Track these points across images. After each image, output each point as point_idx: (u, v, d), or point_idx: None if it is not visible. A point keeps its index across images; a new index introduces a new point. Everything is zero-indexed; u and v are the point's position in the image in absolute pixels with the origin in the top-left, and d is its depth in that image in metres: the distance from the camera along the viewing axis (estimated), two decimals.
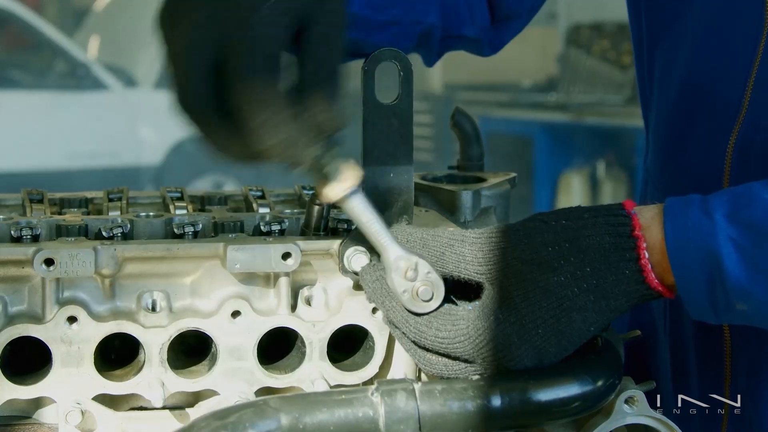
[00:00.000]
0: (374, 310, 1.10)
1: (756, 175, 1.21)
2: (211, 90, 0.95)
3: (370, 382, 1.13)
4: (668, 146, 1.36)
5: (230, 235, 1.14)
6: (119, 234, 1.12)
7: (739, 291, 0.95)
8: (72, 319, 1.06)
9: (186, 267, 1.10)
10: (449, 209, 1.28)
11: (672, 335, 1.38)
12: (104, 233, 1.12)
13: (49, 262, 1.03)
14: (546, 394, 0.95)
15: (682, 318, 1.35)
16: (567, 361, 0.98)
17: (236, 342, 1.09)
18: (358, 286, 1.09)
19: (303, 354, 1.11)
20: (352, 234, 1.07)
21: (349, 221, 1.13)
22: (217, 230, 1.16)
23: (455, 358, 0.99)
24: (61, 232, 1.11)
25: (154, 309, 1.08)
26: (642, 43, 1.42)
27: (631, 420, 1.02)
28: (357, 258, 1.07)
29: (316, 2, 0.97)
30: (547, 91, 8.22)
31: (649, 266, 0.97)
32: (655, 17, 1.38)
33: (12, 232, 1.10)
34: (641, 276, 0.97)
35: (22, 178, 6.76)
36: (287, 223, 1.14)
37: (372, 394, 0.94)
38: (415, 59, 1.29)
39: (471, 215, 1.28)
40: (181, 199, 1.25)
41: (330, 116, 0.96)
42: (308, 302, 1.11)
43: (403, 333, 1.02)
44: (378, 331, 1.12)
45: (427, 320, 1.00)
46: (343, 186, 1.00)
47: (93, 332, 1.07)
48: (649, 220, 0.98)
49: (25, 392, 1.07)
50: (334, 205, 1.24)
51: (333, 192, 1.00)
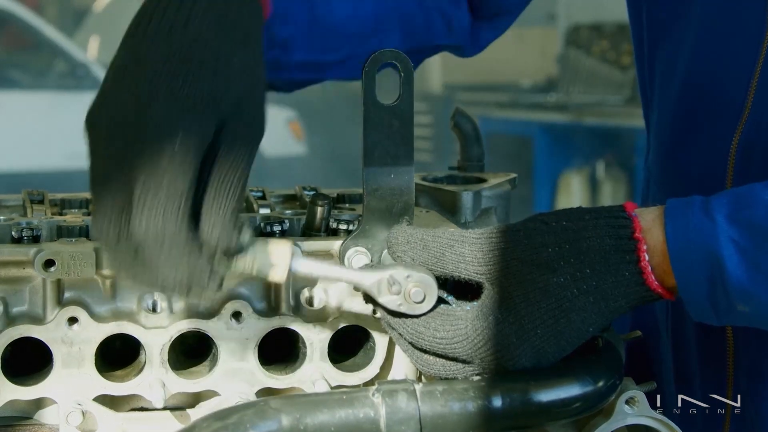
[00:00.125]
0: (374, 311, 1.10)
1: (759, 176, 1.20)
2: (118, 221, 0.92)
3: (371, 382, 1.13)
4: (670, 147, 1.36)
5: None
6: None
7: (741, 292, 0.95)
8: (73, 320, 1.06)
9: None
10: (450, 210, 1.27)
11: (674, 335, 1.38)
12: None
13: (49, 263, 1.03)
14: (547, 395, 0.95)
15: (684, 318, 1.35)
16: (568, 361, 0.98)
17: (237, 343, 1.09)
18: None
19: (304, 355, 1.11)
20: (353, 234, 1.07)
21: (350, 222, 1.13)
22: None
23: (453, 359, 0.99)
24: (62, 232, 1.11)
25: (154, 310, 1.08)
26: (643, 43, 1.41)
27: (631, 420, 1.02)
28: (358, 258, 1.07)
29: (229, 127, 0.94)
30: (546, 92, 8.22)
31: (649, 268, 0.97)
32: (657, 18, 1.38)
33: (13, 233, 1.10)
34: (641, 278, 0.97)
35: (22, 178, 6.75)
36: (288, 224, 1.14)
37: (373, 394, 0.93)
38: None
39: (471, 216, 1.28)
40: None
41: (228, 243, 0.93)
42: (309, 303, 1.11)
43: (400, 334, 1.02)
44: (379, 332, 1.12)
45: (424, 321, 0.99)
46: (282, 267, 0.98)
47: (94, 333, 1.07)
48: (650, 222, 0.98)
49: (26, 393, 1.07)
50: (335, 206, 1.25)
51: (278, 277, 0.98)
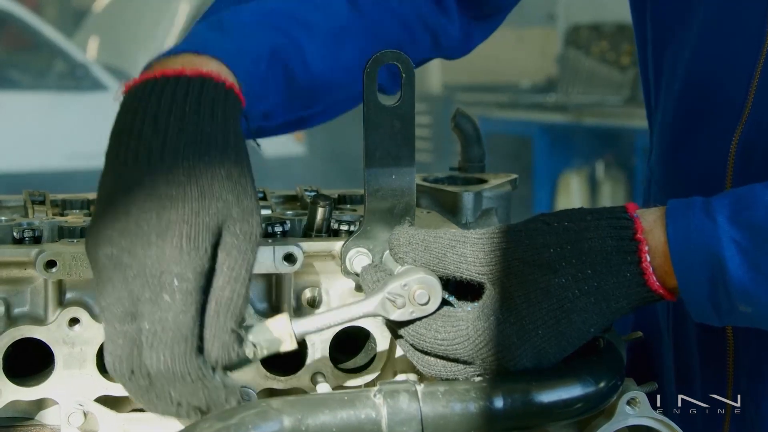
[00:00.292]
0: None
1: (758, 176, 1.21)
2: (130, 357, 0.92)
3: (372, 383, 1.13)
4: (672, 147, 1.36)
5: None
6: None
7: (742, 293, 0.95)
8: (74, 321, 1.07)
9: None
10: (451, 210, 1.28)
11: (675, 336, 1.38)
12: None
13: (51, 263, 1.03)
14: (548, 396, 0.95)
15: (685, 319, 1.35)
16: (569, 362, 0.98)
17: None
18: (360, 288, 1.09)
19: (305, 356, 1.11)
20: (355, 235, 1.07)
21: (351, 222, 1.13)
22: None
23: (454, 360, 0.99)
24: (63, 233, 1.11)
25: None
26: (646, 44, 1.42)
27: (633, 421, 1.02)
28: (359, 259, 1.07)
29: (224, 240, 0.92)
30: (546, 92, 8.22)
31: (651, 269, 0.97)
32: (661, 18, 1.38)
33: (14, 234, 1.10)
34: (642, 279, 0.97)
35: (22, 178, 6.74)
36: (289, 225, 1.14)
37: (374, 395, 0.93)
38: None
39: (472, 216, 1.28)
40: None
41: (229, 360, 0.92)
42: (310, 304, 1.11)
43: (402, 336, 1.02)
44: (380, 333, 1.12)
45: (426, 323, 0.99)
46: (288, 338, 0.96)
47: (95, 334, 1.07)
48: (651, 223, 0.98)
49: (27, 394, 1.07)
50: (336, 207, 1.25)
51: (290, 348, 0.97)
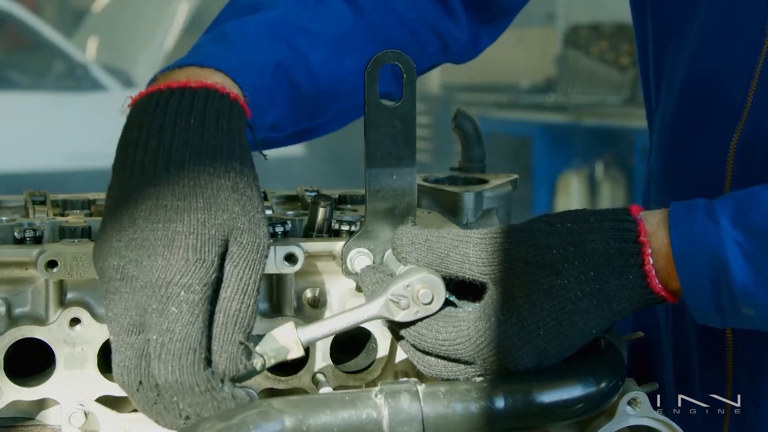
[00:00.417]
0: None
1: (758, 176, 1.21)
2: (138, 367, 0.92)
3: (373, 383, 1.13)
4: (671, 147, 1.36)
5: None
6: None
7: (745, 295, 0.95)
8: (75, 321, 1.06)
9: None
10: (451, 211, 1.28)
11: (674, 336, 1.39)
12: None
13: (52, 263, 1.03)
14: (550, 396, 0.95)
15: (684, 318, 1.35)
16: (570, 362, 0.98)
17: None
18: (361, 288, 1.09)
19: (306, 356, 1.11)
20: (356, 235, 1.07)
21: (352, 222, 1.13)
22: None
23: (455, 360, 0.99)
24: (64, 233, 1.11)
25: None
26: (647, 45, 1.42)
27: (634, 421, 1.02)
28: (360, 259, 1.07)
29: (231, 251, 0.94)
30: (545, 92, 8.22)
31: (653, 272, 0.97)
32: (661, 19, 1.38)
33: (15, 234, 1.10)
34: (645, 281, 0.97)
35: (22, 179, 6.74)
36: (290, 225, 1.14)
37: (376, 395, 0.93)
38: None
39: (473, 217, 1.28)
40: None
41: (236, 372, 0.94)
42: (311, 304, 1.11)
43: (403, 336, 1.02)
44: (381, 333, 1.12)
45: (427, 323, 0.99)
46: (295, 346, 0.97)
47: (96, 334, 1.07)
48: (654, 225, 0.98)
49: (28, 394, 1.07)
50: (337, 207, 1.25)
51: (297, 355, 0.97)
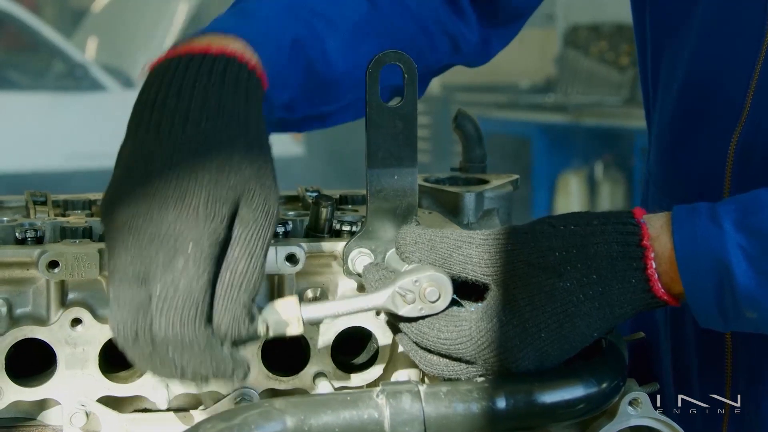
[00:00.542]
0: (378, 312, 1.10)
1: (757, 176, 1.21)
2: (136, 320, 0.92)
3: (374, 383, 1.13)
4: (670, 147, 1.37)
5: None
6: None
7: (749, 299, 0.95)
8: (76, 321, 1.06)
9: None
10: (452, 211, 1.28)
11: (673, 336, 1.39)
12: None
13: (53, 264, 1.03)
14: (551, 396, 0.96)
15: (683, 320, 1.35)
16: (572, 363, 0.98)
17: None
18: (362, 288, 1.09)
19: (308, 356, 1.11)
20: (357, 235, 1.07)
21: (353, 223, 1.13)
22: None
23: (457, 359, 0.99)
24: (65, 233, 1.11)
25: None
26: (646, 45, 1.42)
27: (635, 422, 1.02)
28: (361, 259, 1.07)
29: (241, 213, 0.93)
30: (545, 92, 8.22)
31: (656, 276, 0.96)
32: (661, 19, 1.38)
33: (16, 234, 1.10)
34: (648, 285, 0.96)
35: (22, 179, 6.74)
36: (291, 225, 1.14)
37: (377, 395, 0.94)
38: None
39: (474, 217, 1.28)
40: None
41: (239, 334, 0.93)
42: None
43: (405, 334, 1.02)
44: (382, 333, 1.12)
45: (429, 322, 0.99)
46: (296, 322, 0.97)
47: (97, 334, 1.07)
48: (657, 229, 0.98)
49: (29, 394, 1.07)
50: (338, 207, 1.25)
51: (296, 331, 0.97)
